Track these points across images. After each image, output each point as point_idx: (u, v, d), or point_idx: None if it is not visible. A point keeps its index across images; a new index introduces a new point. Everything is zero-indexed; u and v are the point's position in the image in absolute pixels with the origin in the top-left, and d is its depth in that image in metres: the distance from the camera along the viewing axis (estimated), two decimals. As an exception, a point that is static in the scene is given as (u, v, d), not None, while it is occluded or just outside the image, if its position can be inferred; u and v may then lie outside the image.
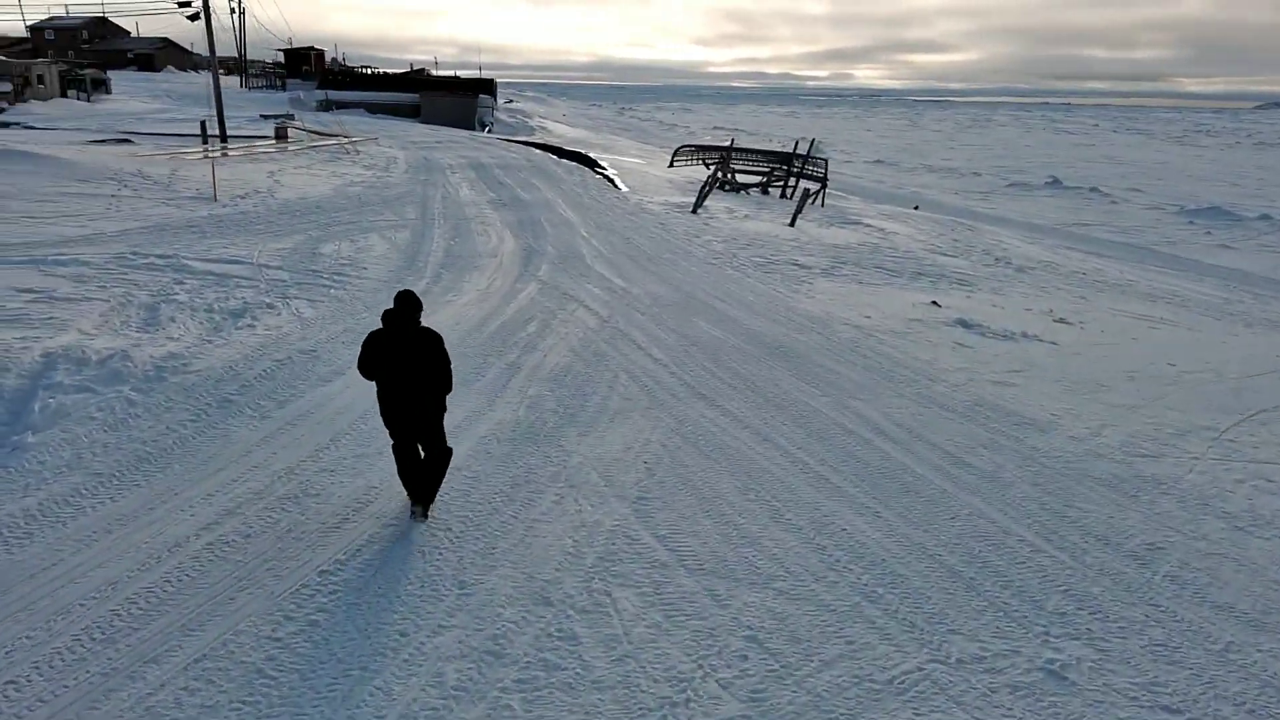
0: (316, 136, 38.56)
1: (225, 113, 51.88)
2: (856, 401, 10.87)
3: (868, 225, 28.87)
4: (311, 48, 77.47)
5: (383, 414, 6.80)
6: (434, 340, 6.76)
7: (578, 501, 7.74)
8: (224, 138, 34.92)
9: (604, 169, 37.14)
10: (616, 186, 32.00)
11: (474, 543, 6.93)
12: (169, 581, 6.08)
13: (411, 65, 72.48)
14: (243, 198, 22.59)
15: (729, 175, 37.56)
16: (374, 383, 6.79)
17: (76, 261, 14.08)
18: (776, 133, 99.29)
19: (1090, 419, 10.88)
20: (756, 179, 39.11)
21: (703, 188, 28.80)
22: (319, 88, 64.31)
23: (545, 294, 15.18)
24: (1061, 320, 17.27)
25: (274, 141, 36.02)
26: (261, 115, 49.13)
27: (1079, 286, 22.29)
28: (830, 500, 8.11)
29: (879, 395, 11.19)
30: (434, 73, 76.07)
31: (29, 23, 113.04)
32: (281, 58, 78.85)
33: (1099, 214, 48.13)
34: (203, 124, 34.46)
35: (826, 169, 37.96)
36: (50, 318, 10.66)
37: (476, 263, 17.52)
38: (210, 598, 5.93)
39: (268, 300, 13.01)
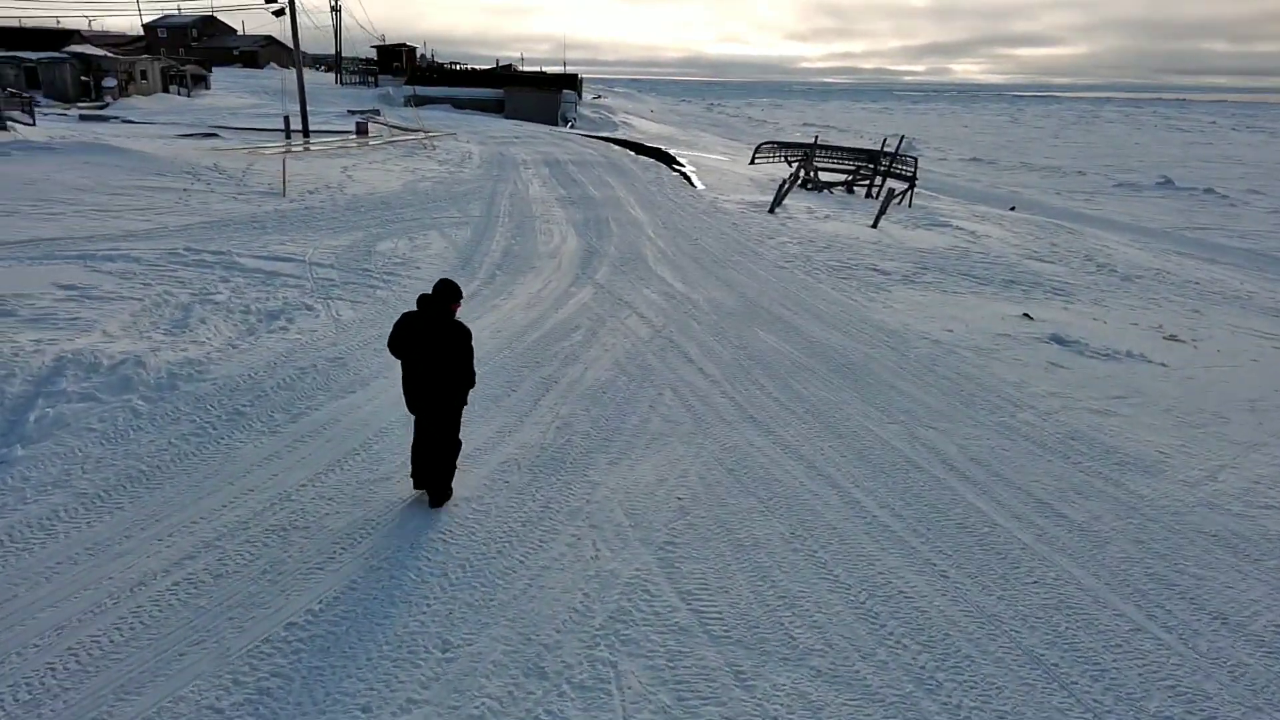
0: (397, 132, 38.67)
1: (316, 108, 52.91)
2: (929, 431, 9.67)
3: (957, 227, 27.15)
4: (403, 44, 78.65)
5: (404, 393, 6.89)
6: (461, 335, 6.70)
7: (596, 545, 6.84)
8: (306, 133, 35.25)
9: (682, 166, 36.15)
10: (692, 184, 30.99)
11: (469, 592, 6.11)
12: (120, 629, 5.43)
13: (498, 61, 72.80)
14: (312, 193, 22.45)
15: (812, 173, 36.10)
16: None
17: (127, 257, 13.89)
18: (868, 129, 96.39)
19: (1205, 459, 9.43)
20: (841, 177, 37.54)
21: (781, 186, 27.54)
22: (407, 84, 65.07)
23: (599, 299, 14.33)
24: (1172, 337, 15.55)
25: (355, 137, 36.21)
26: (349, 111, 49.79)
27: (1192, 298, 20.28)
28: (888, 553, 7.00)
29: (955, 424, 9.96)
30: (520, 68, 76.27)
31: (144, 21, 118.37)
32: (375, 55, 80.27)
33: (1215, 217, 44.72)
34: (286, 119, 34.85)
35: (915, 167, 36.13)
36: (76, 318, 10.32)
37: (534, 264, 16.80)
38: (159, 652, 5.25)
39: (308, 301, 12.51)
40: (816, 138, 39.36)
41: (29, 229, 15.87)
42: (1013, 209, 38.18)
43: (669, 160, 37.57)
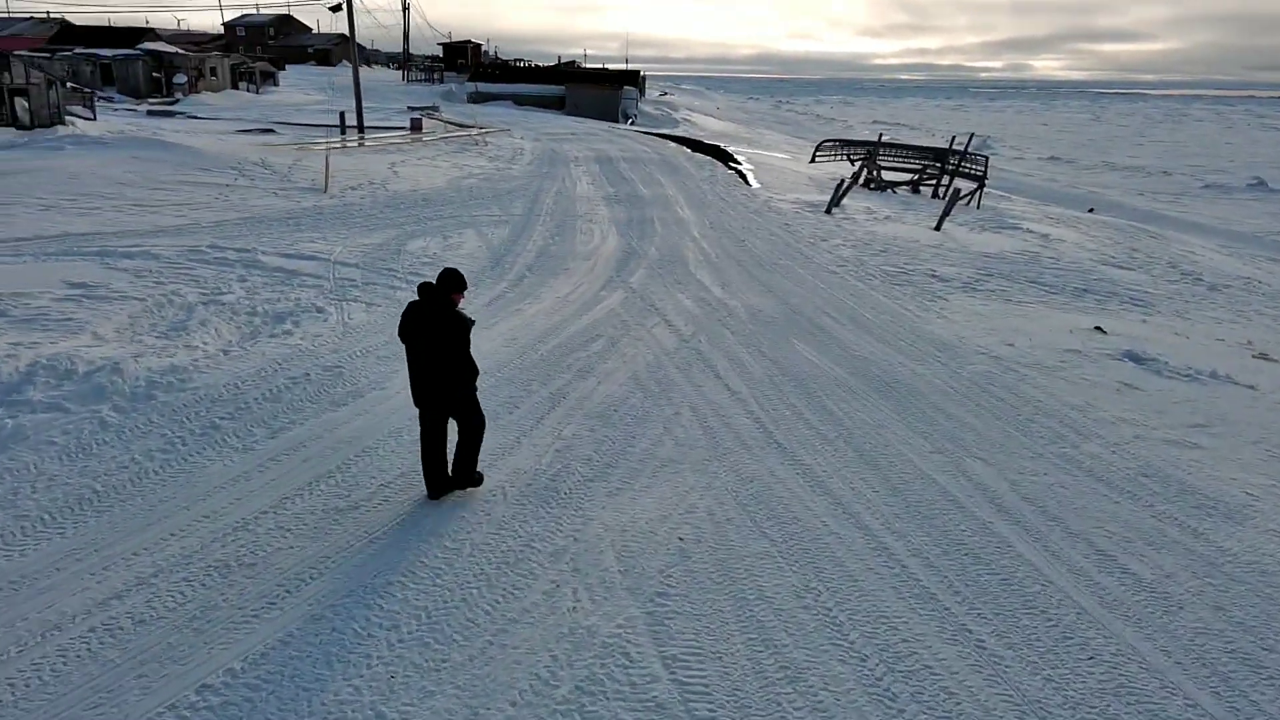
0: (452, 128, 38.45)
1: (379, 105, 53.23)
2: (977, 463, 8.59)
3: (1028, 230, 25.58)
4: (468, 42, 79.02)
5: (411, 388, 6.75)
6: (459, 326, 6.52)
7: (576, 594, 6.00)
8: (361, 129, 35.20)
9: (738, 164, 35.08)
10: (747, 183, 29.94)
11: (419, 650, 5.33)
12: (10, 687, 4.79)
13: (560, 58, 72.52)
14: (354, 189, 22.11)
15: (874, 172, 34.66)
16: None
17: (147, 254, 13.56)
18: (940, 127, 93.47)
19: (1302, 506, 8.16)
20: (906, 177, 36.00)
21: (839, 185, 26.31)
22: (470, 80, 65.16)
23: (628, 305, 13.49)
24: (1263, 355, 14.05)
25: (409, 133, 36.05)
26: (409, 107, 49.91)
27: (1288, 312, 18.54)
28: (917, 614, 6.02)
29: (1009, 455, 8.85)
30: (583, 65, 75.88)
31: (224, 20, 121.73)
32: (441, 52, 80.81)
33: (1314, 221, 41.74)
34: (341, 115, 34.84)
35: (986, 167, 34.41)
36: (69, 319, 9.91)
37: (567, 265, 16.05)
38: (47, 718, 4.59)
39: (320, 303, 11.95)
40: (881, 135, 37.85)
41: (62, 223, 15.74)
42: (1091, 210, 36.20)
43: (726, 158, 36.53)
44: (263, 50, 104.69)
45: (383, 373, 9.62)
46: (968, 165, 34.86)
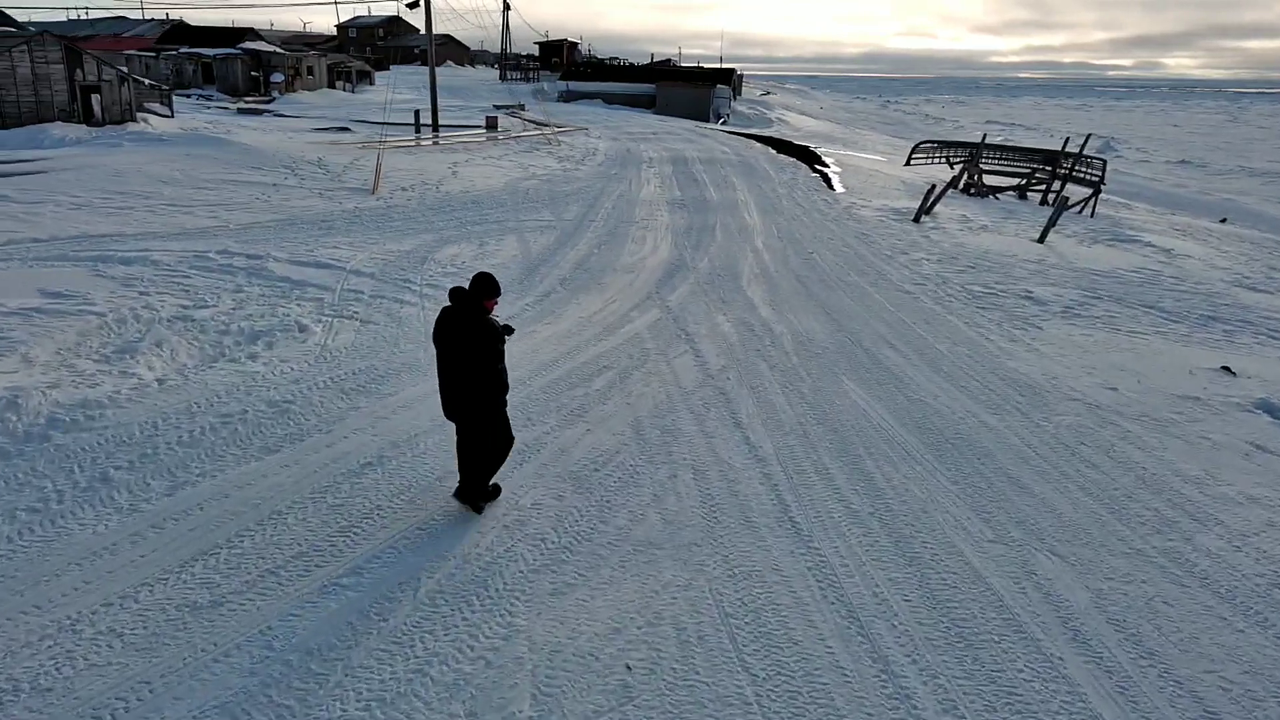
0: (531, 126, 37.48)
1: (469, 103, 53.03)
2: (1052, 561, 6.63)
3: (1148, 244, 22.69)
4: (564, 40, 78.52)
5: (441, 399, 6.42)
6: (489, 335, 6.11)
7: (456, 757, 4.43)
8: (436, 127, 34.55)
9: (824, 166, 32.86)
10: (830, 187, 27.79)
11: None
12: None
13: (652, 56, 71.13)
14: (404, 190, 21.15)
15: (975, 176, 31.91)
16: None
17: (147, 260, 12.68)
18: (1060, 128, 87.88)
19: None
20: (1012, 181, 33.09)
21: (930, 191, 23.94)
22: (561, 79, 64.47)
23: (658, 328, 11.84)
24: None
25: (485, 131, 35.22)
26: (494, 105, 49.38)
27: None
28: (930, 821, 4.20)
29: (1096, 550, 6.85)
30: (678, 64, 74.34)
31: (338, 22, 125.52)
32: (537, 51, 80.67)
33: None
34: (416, 114, 34.25)
35: (1104, 171, 31.26)
36: (3, 338, 8.89)
37: (605, 278, 14.50)
38: None
39: (307, 321, 10.74)
40: (984, 136, 34.95)
41: (85, 223, 15.13)
42: (1223, 221, 32.54)
43: (812, 160, 34.34)
44: (372, 50, 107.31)
45: (338, 411, 8.27)
46: (1082, 169, 31.74)
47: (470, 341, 6.08)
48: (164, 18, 73.95)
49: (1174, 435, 9.48)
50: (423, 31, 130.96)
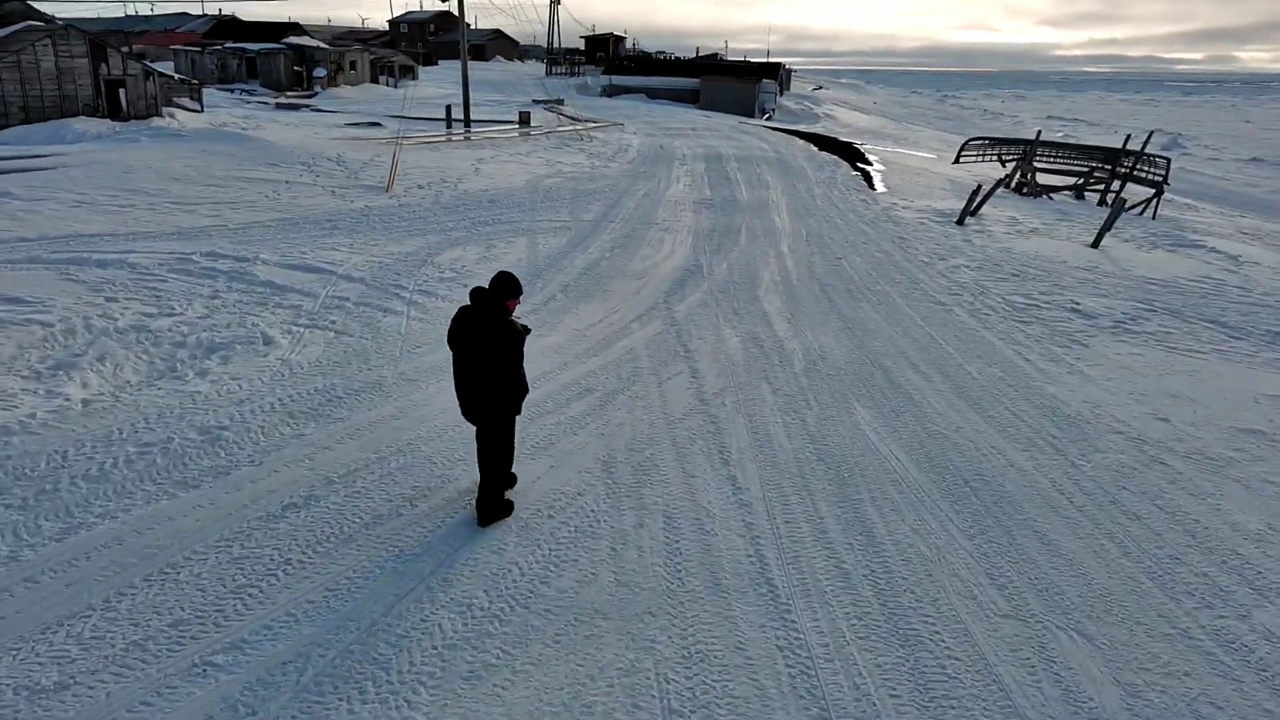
0: (566, 121, 36.71)
1: (509, 98, 52.55)
2: (1075, 641, 5.56)
3: (1213, 249, 21.05)
4: (610, 34, 77.70)
5: (458, 400, 6.24)
6: (511, 336, 5.95)
7: None
8: (467, 122, 33.94)
9: (867, 165, 31.48)
10: (871, 186, 26.49)
11: None
12: None
13: (698, 50, 69.89)
14: (420, 188, 20.47)
15: (1029, 175, 30.28)
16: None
17: (124, 263, 12.10)
18: (1125, 124, 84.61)
19: None
20: (1068, 181, 31.37)
21: (975, 191, 22.55)
22: (605, 73, 63.64)
23: (656, 344, 10.89)
24: None
25: (516, 127, 34.52)
26: (534, 100, 48.72)
27: None
28: None
29: (1131, 628, 5.75)
30: (724, 58, 73.00)
31: (389, 18, 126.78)
32: (583, 45, 79.97)
33: None
34: (447, 109, 33.69)
35: (1167, 170, 29.43)
36: (-71, 353, 8.29)
37: (612, 285, 13.59)
38: None
39: (275, 332, 10.02)
40: (1039, 132, 33.18)
41: (79, 222, 14.67)
42: (1297, 225, 30.38)
43: (855, 157, 32.97)
44: (423, 45, 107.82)
45: (278, 439, 7.48)
46: (1144, 168, 29.93)
47: (491, 343, 5.88)
48: (217, 13, 74.92)
49: (1232, 478, 8.26)
50: (473, 26, 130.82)
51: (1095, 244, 20.44)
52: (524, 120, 35.09)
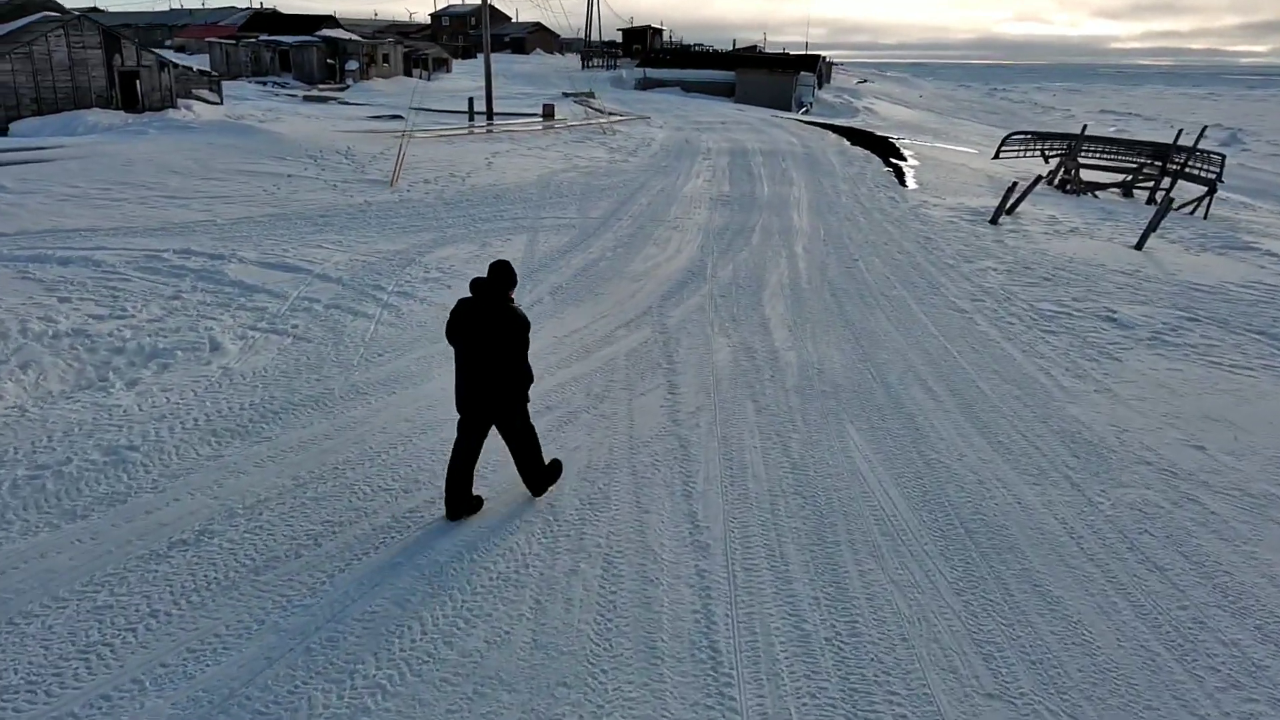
0: (594, 114, 35.96)
1: (540, 90, 51.96)
2: (1066, 743, 4.63)
3: (1268, 252, 19.61)
4: (648, 26, 76.74)
5: (455, 393, 6.10)
6: (516, 324, 5.81)
7: None
8: (490, 115, 33.33)
9: (901, 159, 30.23)
10: (902, 183, 25.31)
11: None
12: None
13: (735, 43, 68.66)
14: (426, 183, 19.84)
15: (1072, 171, 28.81)
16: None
17: (89, 260, 11.59)
18: (1183, 118, 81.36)
19: None
20: (1115, 178, 29.83)
21: (1010, 189, 21.31)
22: (639, 66, 62.73)
23: (639, 355, 10.06)
24: None
25: (540, 120, 33.82)
26: (563, 93, 48.05)
27: None
28: None
29: (1151, 714, 4.81)
30: (763, 50, 71.63)
31: (431, 11, 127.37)
32: (620, 38, 79.14)
33: None
34: (469, 101, 33.10)
35: (1221, 167, 27.79)
36: None
37: (606, 288, 12.78)
38: None
39: (224, 339, 9.37)
40: (1085, 127, 31.62)
41: (62, 217, 14.25)
42: (1363, 226, 28.51)
43: (889, 152, 31.71)
44: (464, 39, 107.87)
45: (192, 461, 6.80)
46: (1196, 165, 28.30)
47: (497, 332, 5.77)
48: (259, 6, 75.40)
49: (1275, 520, 7.22)
50: (515, 20, 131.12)
51: (1139, 246, 19.14)
52: (548, 113, 34.38)
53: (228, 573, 5.45)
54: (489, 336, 5.78)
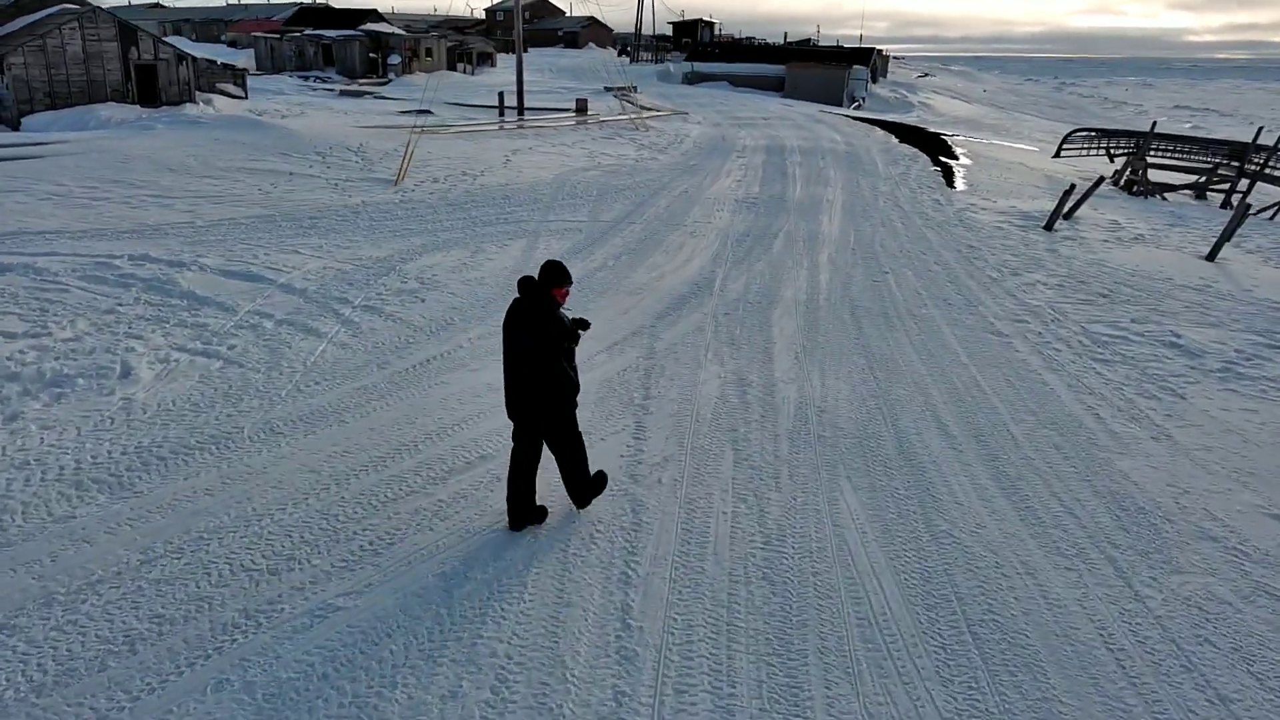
0: (630, 109, 34.69)
1: (582, 85, 50.89)
2: None
3: (1360, 266, 17.53)
4: (699, 20, 75.13)
5: (505, 394, 5.86)
6: (551, 330, 5.54)
7: None
8: (521, 110, 32.27)
9: (953, 158, 28.36)
10: (950, 184, 23.55)
11: None
12: None
13: (785, 36, 66.67)
14: (435, 182, 18.79)
15: (1140, 172, 26.68)
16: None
17: (30, 268, 10.72)
18: (1263, 114, 77.03)
19: None
20: (1187, 179, 27.59)
21: (1067, 191, 19.48)
22: (687, 60, 61.24)
23: (611, 388, 8.79)
24: None
25: (573, 115, 32.65)
26: (604, 88, 46.84)
27: None
28: None
29: None
30: (816, 44, 69.52)
31: (488, 5, 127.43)
32: (670, 31, 77.71)
33: None
34: (500, 96, 32.09)
35: (1306, 168, 25.42)
36: None
37: (598, 304, 11.53)
38: None
39: (138, 363, 8.33)
40: (1154, 124, 29.32)
41: (34, 217, 13.51)
42: None
43: (940, 150, 29.84)
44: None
45: (36, 523, 5.72)
46: (1277, 165, 25.97)
47: (535, 336, 5.57)
48: (312, 1, 75.58)
49: (1378, 626, 5.65)
50: (569, 14, 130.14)
51: (1211, 256, 17.23)
52: (581, 108, 33.18)
53: (7, 686, 4.32)
54: (526, 340, 5.58)
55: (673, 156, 24.98)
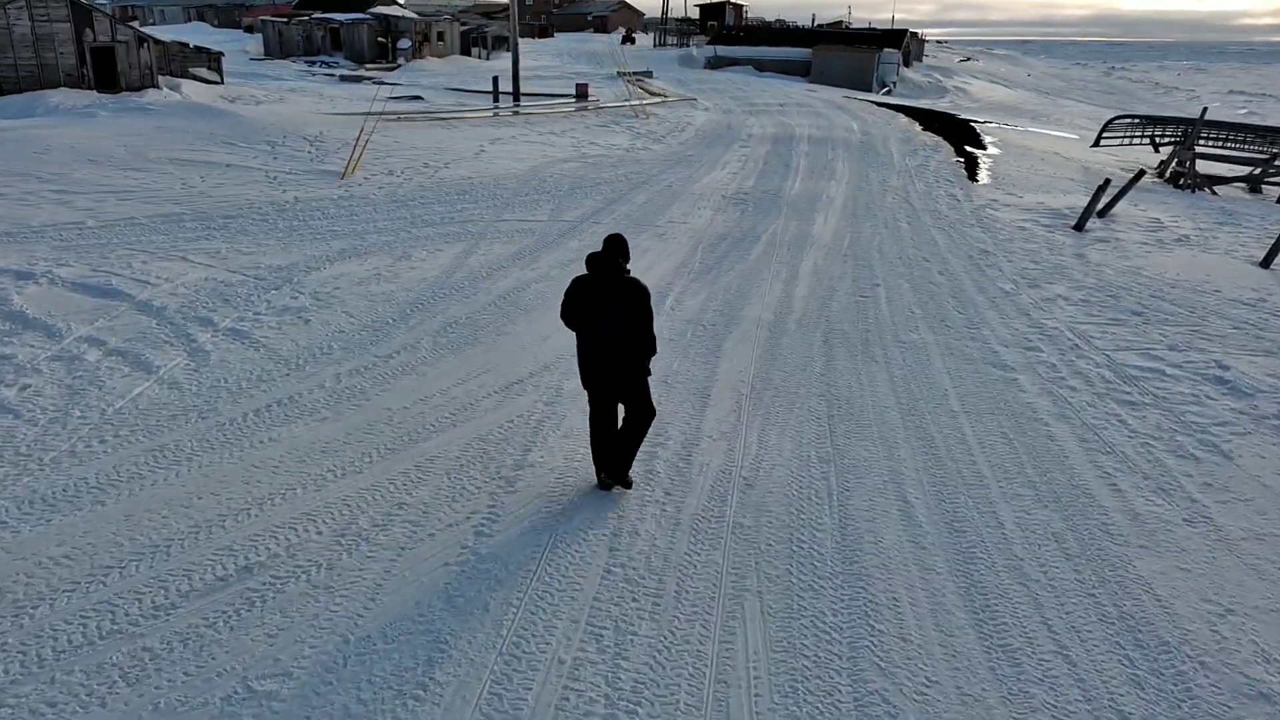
0: (637, 94, 32.69)
1: (600, 69, 48.93)
2: None
3: None
4: (726, 2, 72.62)
5: (580, 369, 6.03)
6: (637, 293, 5.75)
7: None
8: (517, 96, 30.39)
9: (980, 147, 25.96)
10: (972, 177, 21.25)
11: None
12: None
13: (814, 18, 63.96)
14: (389, 175, 17.01)
15: (1186, 164, 24.10)
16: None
17: None
18: (1321, 99, 72.68)
19: None
20: (1239, 171, 24.93)
21: (1101, 187, 17.16)
22: (709, 44, 58.88)
23: (482, 447, 6.91)
24: None
25: (573, 101, 30.70)
26: (617, 72, 44.79)
27: None
28: None
29: None
30: (848, 26, 66.72)
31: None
32: (698, 14, 75.34)
33: None
34: (495, 80, 30.24)
35: (1377, 159, 22.70)
36: None
37: (514, 326, 9.64)
38: None
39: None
40: (1204, 110, 26.62)
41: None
42: None
43: (967, 139, 27.43)
44: (547, 18, 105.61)
45: None
46: (1344, 157, 23.25)
47: (621, 302, 5.66)
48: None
49: None
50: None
51: (1266, 262, 14.90)
52: (581, 94, 31.19)
53: None
54: (611, 309, 5.66)
55: (669, 146, 22.96)
